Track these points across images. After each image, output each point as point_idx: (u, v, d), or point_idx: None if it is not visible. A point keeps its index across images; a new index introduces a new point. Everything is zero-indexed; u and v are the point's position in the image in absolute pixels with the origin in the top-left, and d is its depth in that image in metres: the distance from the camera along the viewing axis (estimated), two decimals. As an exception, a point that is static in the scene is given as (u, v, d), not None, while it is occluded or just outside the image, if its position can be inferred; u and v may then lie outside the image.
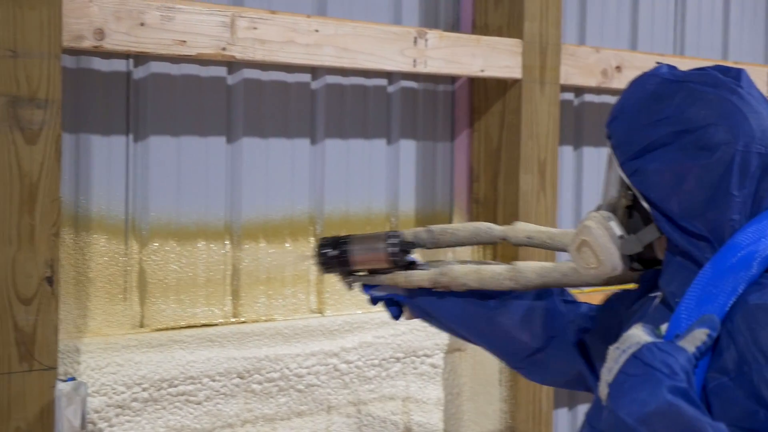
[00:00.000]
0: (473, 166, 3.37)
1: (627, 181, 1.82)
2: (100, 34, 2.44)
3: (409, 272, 2.23)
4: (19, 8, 2.27)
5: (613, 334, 2.03)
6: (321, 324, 2.92)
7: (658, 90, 1.83)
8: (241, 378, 2.78)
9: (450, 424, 3.24)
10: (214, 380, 2.73)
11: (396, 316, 2.32)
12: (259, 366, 2.80)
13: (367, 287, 2.32)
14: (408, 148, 3.24)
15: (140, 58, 2.69)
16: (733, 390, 1.61)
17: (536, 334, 2.19)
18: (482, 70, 3.18)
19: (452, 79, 3.34)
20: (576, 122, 3.73)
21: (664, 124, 1.78)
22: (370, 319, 3.02)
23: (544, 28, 3.31)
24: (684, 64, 3.82)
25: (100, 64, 2.63)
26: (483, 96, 3.35)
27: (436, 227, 2.30)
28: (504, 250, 3.22)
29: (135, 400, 2.59)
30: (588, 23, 3.72)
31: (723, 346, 1.63)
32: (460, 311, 2.25)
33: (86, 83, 2.61)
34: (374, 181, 3.16)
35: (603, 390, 1.64)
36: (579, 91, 3.71)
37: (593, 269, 1.89)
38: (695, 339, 1.62)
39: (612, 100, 3.81)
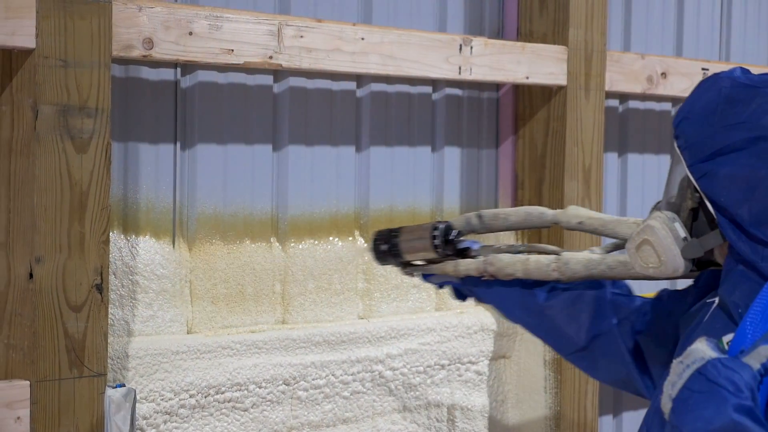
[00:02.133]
0: (518, 173, 3.37)
1: (695, 183, 1.80)
2: (149, 43, 2.47)
3: (458, 261, 2.29)
4: (70, 18, 2.29)
5: (669, 337, 2.02)
6: (366, 330, 2.92)
7: (733, 93, 1.80)
8: (287, 385, 2.79)
9: (494, 431, 3.23)
10: (260, 387, 2.74)
11: (461, 299, 2.40)
12: (305, 373, 2.81)
13: (425, 276, 2.40)
14: (453, 155, 3.25)
15: (188, 67, 2.71)
16: None
17: (582, 330, 2.20)
18: (527, 77, 3.18)
19: (497, 86, 3.34)
20: (621, 129, 3.71)
21: (738, 129, 1.76)
22: (415, 326, 3.02)
23: (589, 34, 3.30)
24: (730, 71, 3.80)
25: (148, 73, 2.65)
26: (528, 103, 3.35)
27: (487, 212, 2.34)
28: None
29: (182, 406, 2.61)
30: (633, 30, 3.71)
31: None
32: (511, 301, 2.28)
33: (135, 92, 2.64)
34: (419, 188, 3.16)
35: (666, 404, 1.62)
36: (624, 97, 3.69)
37: (653, 268, 1.87)
38: (760, 356, 1.60)
39: (657, 106, 3.79)
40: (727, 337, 1.71)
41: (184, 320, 2.67)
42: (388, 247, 2.42)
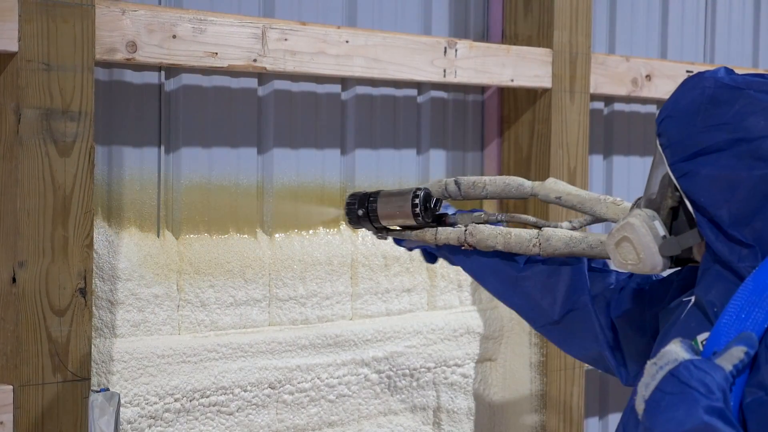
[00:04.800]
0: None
1: (675, 182, 1.80)
2: (133, 46, 2.46)
3: (437, 230, 2.32)
4: (53, 22, 2.29)
5: (647, 325, 2.03)
6: (353, 333, 2.92)
7: (717, 94, 1.80)
8: (273, 388, 2.79)
9: (481, 434, 3.24)
10: (245, 390, 2.73)
11: (431, 262, 2.44)
12: (291, 376, 2.81)
13: (397, 240, 2.42)
14: (438, 158, 3.25)
15: (172, 70, 2.71)
16: None
17: (557, 303, 2.21)
18: (512, 80, 3.18)
19: (482, 88, 3.34)
20: (606, 131, 3.72)
21: (721, 130, 1.76)
22: (401, 329, 3.02)
23: (574, 37, 3.31)
24: (714, 73, 3.80)
25: (132, 77, 2.65)
26: (513, 105, 3.35)
27: (465, 179, 2.36)
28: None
29: (167, 410, 2.60)
30: (618, 32, 3.72)
31: (761, 362, 1.62)
32: (487, 270, 2.30)
33: (119, 95, 2.63)
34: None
35: (639, 405, 1.63)
36: (609, 100, 3.70)
37: (631, 265, 1.88)
38: (732, 357, 1.61)
39: (642, 108, 3.80)
40: (702, 336, 1.72)
41: (172, 324, 2.66)
42: (364, 211, 2.41)
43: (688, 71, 3.66)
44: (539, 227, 2.23)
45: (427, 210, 2.33)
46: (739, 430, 1.53)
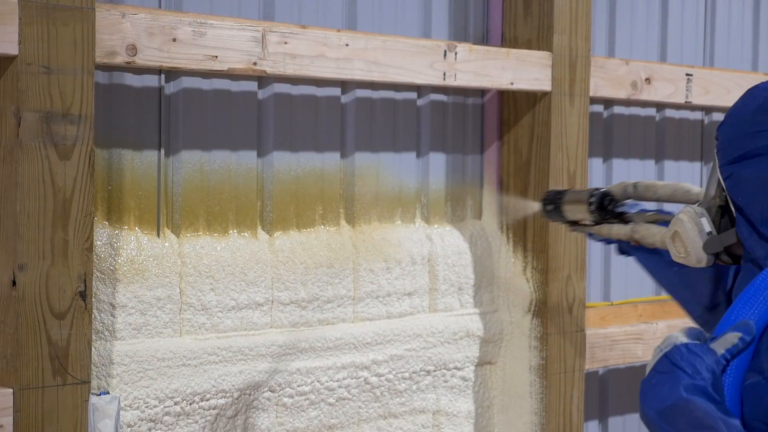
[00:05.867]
0: (503, 179, 3.37)
1: (723, 183, 1.94)
2: (133, 49, 2.46)
3: (611, 225, 2.66)
4: (53, 25, 2.29)
5: None
6: (352, 336, 2.92)
7: (766, 102, 1.93)
8: (273, 391, 2.78)
9: (480, 437, 3.24)
10: (245, 394, 2.73)
11: (624, 255, 2.73)
12: (291, 379, 2.81)
13: (590, 234, 2.77)
14: (437, 161, 3.25)
15: (172, 74, 2.71)
16: (764, 388, 1.71)
17: (704, 297, 2.42)
18: (512, 83, 3.18)
19: (481, 92, 3.34)
20: (605, 134, 3.72)
21: (764, 136, 1.88)
22: (401, 332, 3.02)
23: (574, 40, 3.31)
24: (713, 76, 3.84)
25: (132, 80, 2.65)
26: (512, 109, 3.35)
27: (642, 183, 2.66)
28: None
29: (167, 414, 2.60)
30: (617, 35, 3.72)
31: (762, 348, 1.73)
32: (654, 265, 2.59)
33: (119, 99, 2.63)
34: (404, 193, 3.16)
35: None
36: (608, 103, 3.70)
37: (682, 258, 2.10)
38: (726, 342, 1.73)
39: (642, 112, 3.80)
40: None
41: (173, 327, 2.66)
42: (553, 207, 2.84)
43: (687, 74, 3.66)
44: None
45: (603, 208, 2.69)
46: (722, 407, 1.66)
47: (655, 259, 2.58)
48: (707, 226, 2.02)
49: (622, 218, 2.69)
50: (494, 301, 3.25)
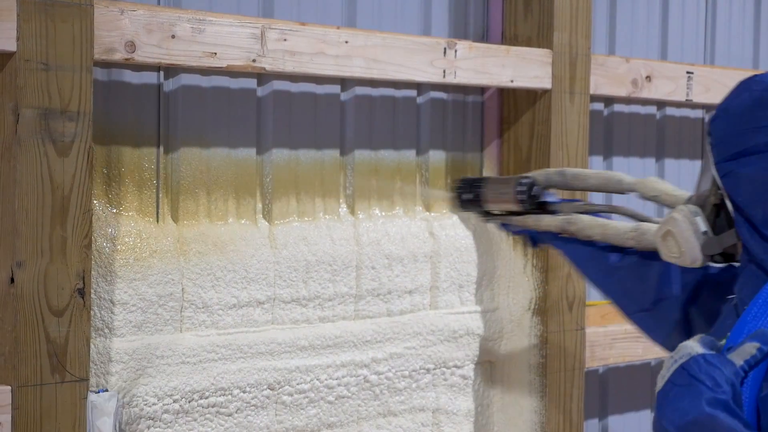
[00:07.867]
0: (503, 177, 3.36)
1: (719, 181, 1.86)
2: (132, 46, 2.46)
3: (539, 216, 2.52)
4: (52, 21, 2.28)
5: (715, 315, 2.11)
6: (352, 334, 2.92)
7: (765, 97, 1.84)
8: (272, 389, 2.78)
9: (480, 435, 3.23)
10: (244, 392, 2.73)
11: (534, 247, 2.64)
12: (290, 377, 2.80)
13: (503, 224, 2.63)
14: (437, 158, 3.24)
15: (171, 71, 2.70)
16: None
17: (649, 291, 2.31)
18: (512, 81, 3.18)
19: (481, 89, 3.34)
20: (606, 132, 3.71)
21: (764, 132, 1.80)
22: (401, 330, 3.01)
23: (574, 38, 3.30)
24: (714, 74, 3.82)
25: (131, 77, 2.64)
26: (512, 106, 3.35)
27: (570, 171, 2.56)
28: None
29: (166, 411, 2.60)
30: (617, 33, 3.71)
31: None
32: (585, 257, 2.48)
33: (117, 95, 2.63)
34: (404, 190, 3.16)
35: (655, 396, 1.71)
36: (609, 101, 3.69)
37: (674, 258, 2.00)
38: (744, 352, 1.67)
39: (642, 110, 3.80)
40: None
41: (174, 324, 2.66)
42: (472, 196, 2.65)
43: (688, 72, 3.66)
44: (640, 221, 2.32)
45: (531, 197, 2.53)
46: (745, 421, 1.60)
47: (588, 253, 2.48)
48: (702, 225, 1.93)
49: (544, 208, 2.55)
50: (494, 299, 3.24)
